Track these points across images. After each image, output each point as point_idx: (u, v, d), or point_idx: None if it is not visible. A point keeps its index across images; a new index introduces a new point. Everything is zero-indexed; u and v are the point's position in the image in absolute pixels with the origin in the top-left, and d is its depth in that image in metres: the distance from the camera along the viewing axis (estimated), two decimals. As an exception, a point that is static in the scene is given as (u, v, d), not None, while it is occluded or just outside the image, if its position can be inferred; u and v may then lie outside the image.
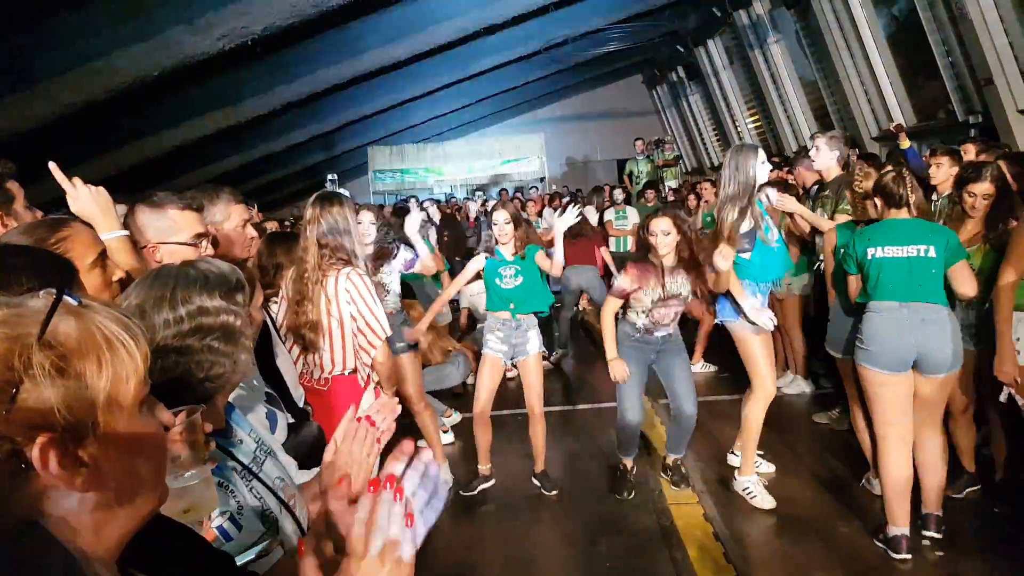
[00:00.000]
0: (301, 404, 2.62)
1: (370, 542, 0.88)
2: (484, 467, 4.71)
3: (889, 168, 4.01)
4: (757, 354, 4.31)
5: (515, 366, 4.82)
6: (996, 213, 3.92)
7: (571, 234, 7.74)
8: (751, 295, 4.25)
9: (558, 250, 4.54)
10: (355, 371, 3.28)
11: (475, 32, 10.77)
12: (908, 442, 3.66)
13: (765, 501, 4.29)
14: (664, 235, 4.19)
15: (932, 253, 3.57)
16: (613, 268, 8.06)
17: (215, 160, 12.32)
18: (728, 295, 4.27)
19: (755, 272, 4.28)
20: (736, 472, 4.51)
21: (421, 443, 4.76)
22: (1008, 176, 4.17)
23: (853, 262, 3.84)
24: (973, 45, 7.69)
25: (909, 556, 3.61)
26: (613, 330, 4.33)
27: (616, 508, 4.41)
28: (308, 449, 1.37)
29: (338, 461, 1.34)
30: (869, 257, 3.71)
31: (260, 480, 1.42)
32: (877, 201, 3.84)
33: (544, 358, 7.64)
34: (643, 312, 4.30)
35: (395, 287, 4.71)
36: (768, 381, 4.33)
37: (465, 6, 9.85)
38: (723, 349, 7.53)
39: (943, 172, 4.97)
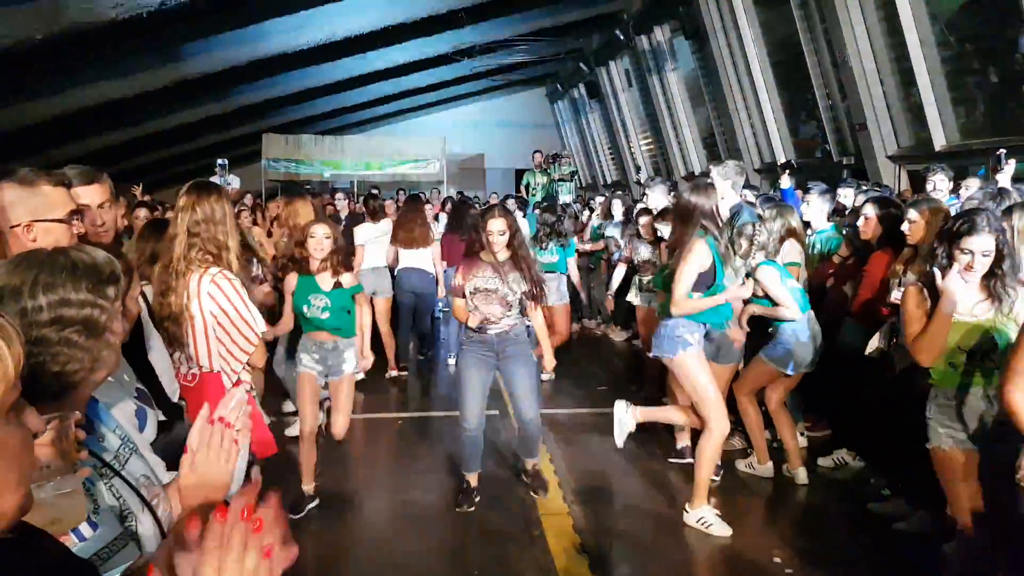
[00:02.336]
0: (175, 399, 2.52)
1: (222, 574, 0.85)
2: (308, 487, 4.44)
3: None
4: (705, 384, 4.16)
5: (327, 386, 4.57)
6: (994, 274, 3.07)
7: (465, 232, 7.83)
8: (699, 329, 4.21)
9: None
10: (221, 371, 3.11)
11: (383, 29, 10.68)
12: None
13: (722, 529, 4.13)
14: (500, 235, 4.26)
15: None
16: None
17: (97, 133, 11.67)
18: (666, 327, 4.20)
19: (709, 312, 4.19)
20: (687, 505, 4.31)
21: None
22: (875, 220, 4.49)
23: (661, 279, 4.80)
24: (851, 91, 8.25)
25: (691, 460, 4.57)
26: (463, 308, 4.39)
27: (487, 517, 4.43)
28: (178, 449, 1.33)
29: (196, 473, 1.30)
30: None
31: (122, 478, 1.37)
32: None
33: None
34: (473, 309, 4.33)
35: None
36: (721, 414, 4.17)
37: (375, 1, 9.76)
38: (593, 362, 7.77)
39: (814, 209, 5.40)
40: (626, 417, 4.48)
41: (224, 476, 1.33)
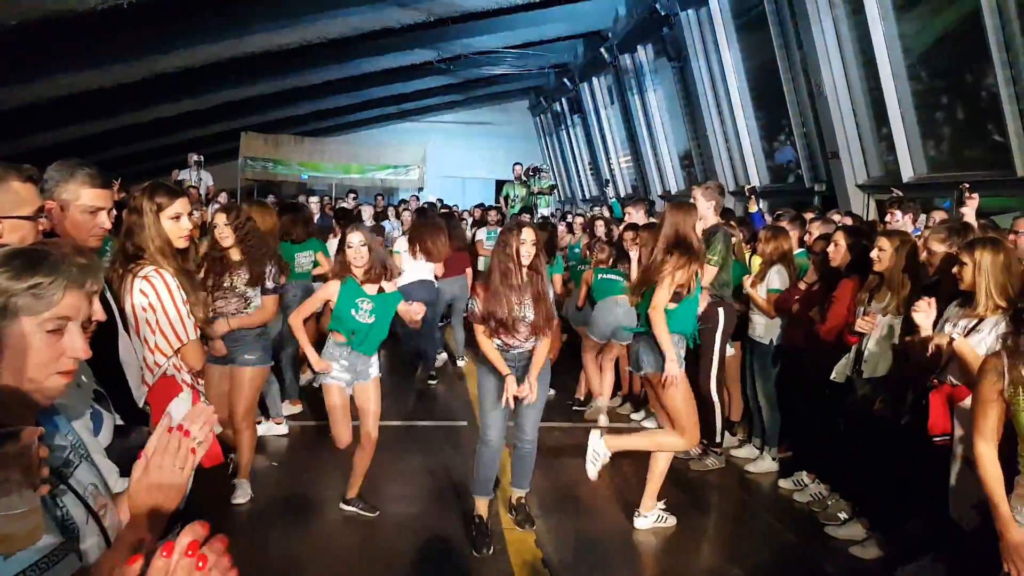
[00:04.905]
0: (141, 404, 2.47)
1: None
2: (351, 493, 4.50)
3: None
4: (687, 400, 4.31)
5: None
6: None
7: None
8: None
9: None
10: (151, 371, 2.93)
11: (369, 32, 10.67)
12: None
13: (671, 520, 4.47)
14: (532, 244, 4.00)
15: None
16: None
17: (71, 123, 11.51)
18: (651, 344, 4.29)
19: (680, 320, 4.31)
20: (637, 512, 4.46)
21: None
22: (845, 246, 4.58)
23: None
24: (825, 120, 8.40)
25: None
26: (493, 347, 4.12)
27: (449, 531, 4.40)
28: (133, 457, 1.32)
29: (149, 477, 1.30)
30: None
31: (69, 486, 1.33)
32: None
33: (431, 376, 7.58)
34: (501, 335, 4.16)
35: (256, 302, 4.41)
36: (696, 433, 4.40)
37: (361, 5, 9.75)
38: (567, 375, 7.78)
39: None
40: (599, 446, 4.39)
41: (178, 482, 1.32)
